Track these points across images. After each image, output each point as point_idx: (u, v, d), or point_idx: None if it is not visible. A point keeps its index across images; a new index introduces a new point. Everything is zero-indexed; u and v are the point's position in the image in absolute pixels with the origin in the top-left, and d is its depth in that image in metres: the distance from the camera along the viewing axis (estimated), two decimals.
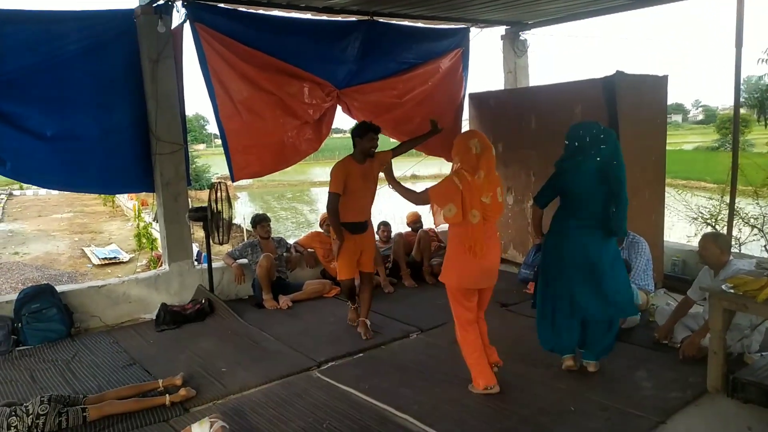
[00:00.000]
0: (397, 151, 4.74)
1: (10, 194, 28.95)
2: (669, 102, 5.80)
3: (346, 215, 4.46)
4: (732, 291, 3.32)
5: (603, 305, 3.63)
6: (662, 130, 5.65)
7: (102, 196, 23.28)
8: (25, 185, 26.93)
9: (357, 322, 4.73)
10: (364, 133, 4.43)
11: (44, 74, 4.72)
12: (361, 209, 4.54)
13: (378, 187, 4.65)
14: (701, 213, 8.64)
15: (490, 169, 3.47)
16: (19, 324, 4.67)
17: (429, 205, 3.68)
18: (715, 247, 3.84)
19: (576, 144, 3.59)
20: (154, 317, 5.13)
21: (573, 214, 3.65)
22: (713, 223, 8.27)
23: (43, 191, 26.57)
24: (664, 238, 5.87)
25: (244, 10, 5.52)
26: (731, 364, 3.52)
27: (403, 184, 4.00)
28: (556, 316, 3.76)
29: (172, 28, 5.20)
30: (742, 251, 7.41)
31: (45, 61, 4.71)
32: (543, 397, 3.51)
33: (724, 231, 6.43)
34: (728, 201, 6.27)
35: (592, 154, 3.54)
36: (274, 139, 5.72)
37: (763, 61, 8.61)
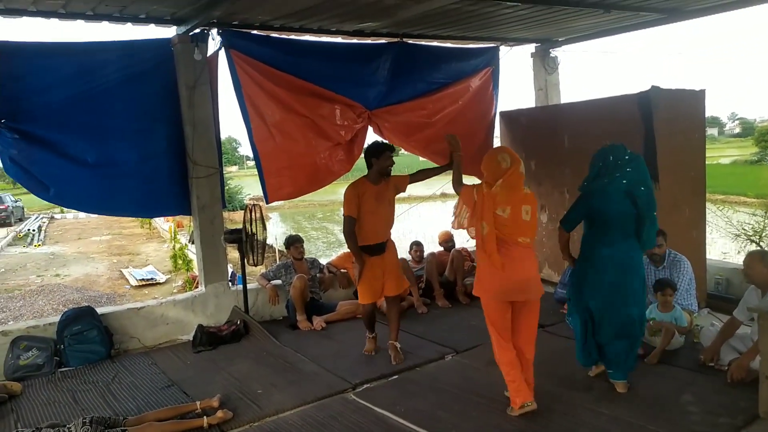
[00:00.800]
0: (414, 178, 4.61)
1: (52, 218, 29.88)
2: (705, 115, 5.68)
3: (363, 238, 4.38)
4: None
5: (631, 321, 3.72)
6: (701, 145, 5.53)
7: (139, 218, 23.83)
8: (65, 209, 27.78)
9: (375, 351, 4.68)
10: (380, 152, 4.35)
11: (87, 103, 4.89)
12: (377, 231, 4.42)
13: (398, 210, 4.61)
14: (744, 229, 8.35)
15: (513, 183, 3.43)
16: (62, 346, 4.78)
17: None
18: (762, 266, 3.71)
19: (600, 164, 3.69)
20: (191, 338, 5.19)
21: (603, 238, 3.69)
22: (758, 240, 7.99)
23: (82, 215, 27.32)
24: (707, 256, 5.70)
25: (276, 36, 5.66)
26: None
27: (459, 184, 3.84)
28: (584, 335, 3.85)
29: (208, 55, 5.35)
30: None
31: (88, 90, 4.89)
32: (586, 423, 3.41)
33: None
34: None
35: (617, 176, 3.62)
36: (307, 160, 5.79)
37: None
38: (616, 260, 3.67)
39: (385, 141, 4.52)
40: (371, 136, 6.29)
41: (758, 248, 7.28)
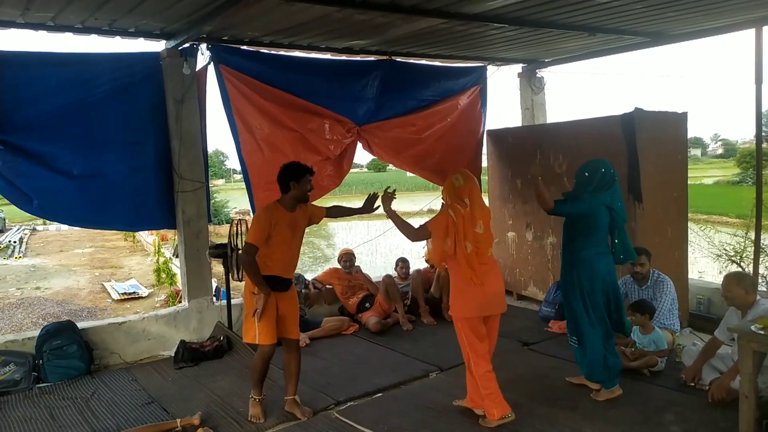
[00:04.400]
0: (330, 212, 4.23)
1: (34, 230, 29.43)
2: (688, 137, 5.78)
3: (271, 268, 3.76)
4: (762, 332, 3.23)
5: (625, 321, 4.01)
6: (683, 166, 5.62)
7: (123, 232, 23.57)
8: (48, 221, 27.37)
9: (264, 416, 3.86)
10: (300, 175, 3.80)
11: (74, 115, 4.86)
12: (287, 264, 3.89)
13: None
14: (725, 250, 8.45)
15: (475, 198, 3.61)
16: (41, 361, 4.69)
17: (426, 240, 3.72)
18: (740, 288, 3.75)
19: (594, 177, 3.87)
20: (173, 354, 5.12)
21: (592, 243, 3.88)
22: (738, 261, 8.09)
23: (65, 227, 26.92)
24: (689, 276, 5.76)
25: (266, 51, 5.69)
26: (764, 408, 3.38)
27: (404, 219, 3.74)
28: (604, 343, 3.88)
29: (197, 69, 5.36)
30: None
31: (75, 102, 4.86)
32: None
33: (750, 268, 6.30)
34: (753, 237, 6.16)
35: (608, 191, 3.86)
36: None
37: None
38: (609, 267, 3.92)
39: (300, 162, 3.98)
40: (360, 152, 6.33)
41: (736, 270, 7.35)
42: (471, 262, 3.52)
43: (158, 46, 5.33)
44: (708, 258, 8.79)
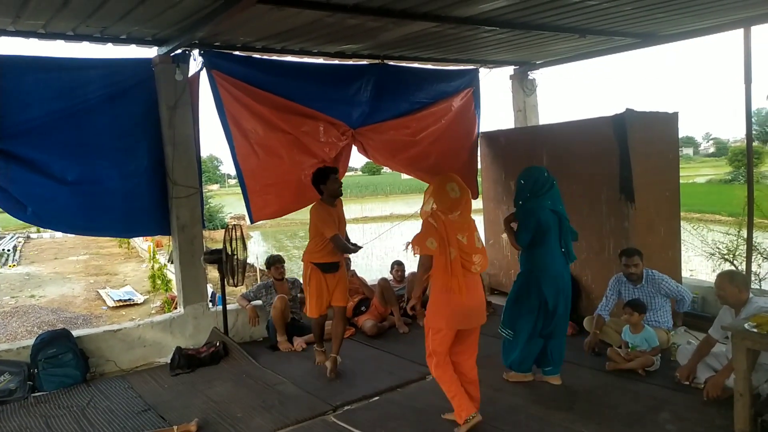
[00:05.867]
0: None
1: (28, 237, 29.35)
2: (679, 135, 5.82)
3: (323, 256, 4.58)
4: (755, 330, 3.25)
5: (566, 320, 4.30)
6: (675, 166, 5.65)
7: (117, 238, 23.50)
8: (42, 228, 27.27)
9: (328, 359, 4.73)
10: (326, 177, 4.55)
11: (67, 120, 4.84)
12: (334, 250, 4.59)
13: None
14: (718, 248, 8.51)
15: (466, 211, 3.59)
16: (36, 370, 4.66)
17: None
18: (732, 286, 3.77)
19: (532, 184, 4.11)
20: (169, 361, 5.11)
21: (547, 249, 4.11)
22: (731, 259, 8.14)
23: (59, 234, 26.89)
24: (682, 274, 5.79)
25: (258, 56, 5.70)
26: (759, 405, 3.41)
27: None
28: (531, 338, 4.21)
29: (189, 75, 5.36)
30: (762, 287, 7.26)
31: (68, 108, 4.84)
32: None
33: (743, 266, 6.34)
34: (745, 235, 6.20)
35: (546, 195, 4.10)
36: (291, 177, 5.78)
37: None
38: (564, 269, 4.18)
39: (324, 165, 4.73)
40: (355, 155, 6.34)
41: (729, 268, 7.40)
42: (455, 269, 3.44)
43: (150, 52, 5.33)
44: (701, 256, 8.85)
